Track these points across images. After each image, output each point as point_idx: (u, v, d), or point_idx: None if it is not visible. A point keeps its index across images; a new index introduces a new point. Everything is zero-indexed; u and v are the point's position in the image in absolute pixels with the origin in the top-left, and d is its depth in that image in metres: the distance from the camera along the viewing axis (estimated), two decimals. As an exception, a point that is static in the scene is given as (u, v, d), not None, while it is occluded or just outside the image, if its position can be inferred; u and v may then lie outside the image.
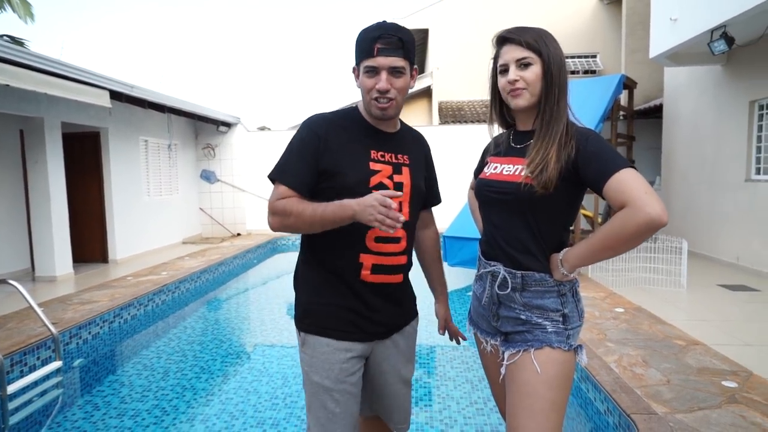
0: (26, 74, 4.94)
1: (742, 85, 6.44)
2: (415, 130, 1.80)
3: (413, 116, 15.83)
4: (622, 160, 1.28)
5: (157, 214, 9.07)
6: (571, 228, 1.77)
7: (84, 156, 7.67)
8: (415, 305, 1.80)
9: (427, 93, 15.63)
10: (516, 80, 1.40)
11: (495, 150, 1.59)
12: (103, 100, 6.12)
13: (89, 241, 7.75)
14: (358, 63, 1.54)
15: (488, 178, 1.53)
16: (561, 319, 1.42)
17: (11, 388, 3.13)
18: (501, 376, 1.50)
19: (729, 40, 5.41)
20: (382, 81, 1.49)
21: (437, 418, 2.94)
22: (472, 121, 12.65)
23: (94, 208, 7.76)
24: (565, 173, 1.35)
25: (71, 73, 5.86)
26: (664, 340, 3.59)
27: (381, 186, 1.55)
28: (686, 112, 7.93)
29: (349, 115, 1.62)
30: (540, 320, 1.42)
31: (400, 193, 1.48)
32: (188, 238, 10.15)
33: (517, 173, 1.43)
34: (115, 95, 6.75)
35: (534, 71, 1.39)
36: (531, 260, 1.43)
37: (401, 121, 1.71)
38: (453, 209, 8.31)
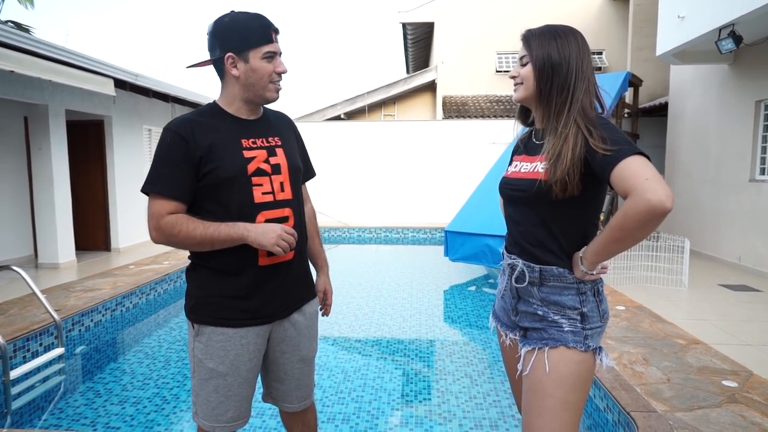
0: (31, 61, 4.93)
1: (748, 84, 6.40)
2: (278, 111, 1.82)
3: (416, 111, 15.74)
4: (630, 147, 1.24)
5: (159, 203, 9.06)
6: (601, 219, 1.77)
7: (88, 144, 7.66)
8: (313, 285, 1.83)
9: (431, 87, 15.53)
10: (515, 76, 1.52)
11: (519, 149, 1.63)
12: (108, 88, 6.12)
13: (92, 229, 7.77)
14: (245, 50, 1.54)
15: (509, 176, 1.57)
16: (579, 317, 1.41)
17: (14, 374, 3.14)
18: (518, 372, 1.51)
19: (737, 39, 5.37)
20: (283, 64, 1.59)
21: (436, 412, 2.96)
22: (476, 117, 12.61)
23: (97, 196, 7.77)
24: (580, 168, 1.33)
25: (76, 61, 5.86)
26: (665, 338, 3.59)
27: (260, 171, 1.58)
28: (691, 111, 7.89)
29: (209, 111, 1.62)
30: (556, 317, 1.42)
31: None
32: (190, 228, 10.14)
33: (533, 170, 1.45)
34: (120, 84, 6.74)
35: (528, 68, 1.47)
36: (549, 256, 1.43)
37: (263, 107, 1.72)
38: (455, 204, 8.30)
